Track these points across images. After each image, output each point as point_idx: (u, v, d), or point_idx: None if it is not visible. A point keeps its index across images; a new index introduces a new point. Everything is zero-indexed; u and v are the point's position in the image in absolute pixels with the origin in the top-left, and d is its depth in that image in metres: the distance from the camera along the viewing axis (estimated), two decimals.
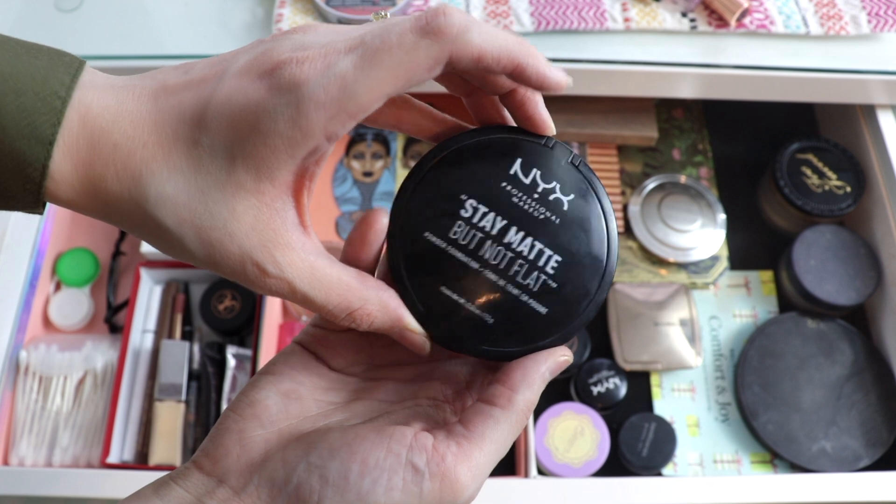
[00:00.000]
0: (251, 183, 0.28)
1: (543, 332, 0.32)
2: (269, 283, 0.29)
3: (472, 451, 0.29)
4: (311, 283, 0.29)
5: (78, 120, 0.28)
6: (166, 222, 0.28)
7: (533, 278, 0.32)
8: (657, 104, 0.92)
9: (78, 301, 0.81)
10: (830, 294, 0.79)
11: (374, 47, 0.27)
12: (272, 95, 0.27)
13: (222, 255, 0.28)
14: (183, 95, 0.29)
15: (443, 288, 0.32)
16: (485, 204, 0.32)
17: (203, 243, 0.28)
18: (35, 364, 0.75)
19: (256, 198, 0.28)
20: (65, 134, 0.28)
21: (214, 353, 0.78)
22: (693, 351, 0.80)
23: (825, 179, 0.84)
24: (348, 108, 0.27)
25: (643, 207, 0.85)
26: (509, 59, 0.29)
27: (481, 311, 0.32)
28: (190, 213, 0.28)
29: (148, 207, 0.28)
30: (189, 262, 0.30)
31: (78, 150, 0.28)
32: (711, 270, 0.83)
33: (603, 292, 0.32)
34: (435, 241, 0.32)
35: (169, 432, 0.73)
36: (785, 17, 0.77)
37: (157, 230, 0.29)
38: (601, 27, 0.75)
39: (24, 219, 0.76)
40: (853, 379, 0.78)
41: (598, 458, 0.73)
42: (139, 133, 0.28)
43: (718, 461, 0.76)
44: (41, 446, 0.73)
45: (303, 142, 0.27)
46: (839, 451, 0.75)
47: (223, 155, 0.28)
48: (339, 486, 0.28)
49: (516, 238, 0.32)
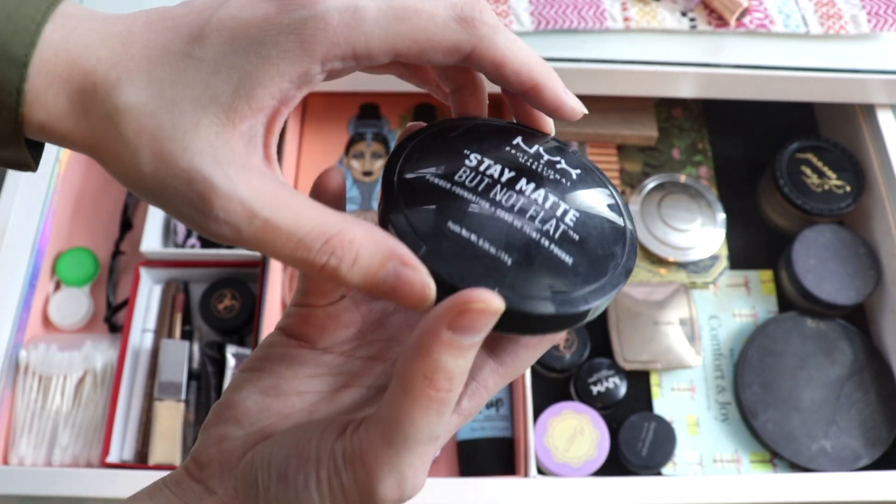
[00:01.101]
0: (226, 97, 0.25)
1: (572, 282, 0.26)
2: (219, 206, 0.25)
3: (385, 433, 0.25)
4: (274, 205, 0.25)
5: (59, 38, 0.26)
6: (126, 131, 0.25)
7: (552, 224, 0.27)
8: (657, 103, 0.92)
9: (77, 300, 0.81)
10: (830, 293, 0.79)
11: (405, 3, 0.26)
12: (282, 10, 0.25)
13: (169, 172, 0.25)
14: (182, 19, 0.27)
15: (449, 223, 0.26)
16: (491, 158, 0.29)
17: (154, 157, 0.25)
18: (35, 363, 0.75)
19: (226, 114, 0.25)
20: (42, 54, 0.26)
21: (214, 352, 0.78)
22: (693, 350, 0.80)
23: (825, 179, 0.84)
24: (356, 45, 0.25)
25: (643, 207, 0.85)
26: (529, 76, 0.28)
27: (497, 249, 0.26)
28: (153, 122, 0.25)
29: (115, 115, 0.26)
30: (135, 188, 0.26)
31: (57, 69, 0.26)
32: (711, 270, 0.83)
33: (631, 259, 0.28)
34: (438, 182, 0.28)
35: (169, 432, 0.73)
36: (784, 16, 0.77)
37: (114, 141, 0.26)
38: (601, 27, 0.75)
39: (23, 218, 0.76)
40: (853, 378, 0.78)
41: (598, 458, 0.73)
42: (127, 48, 0.26)
43: (718, 461, 0.76)
44: (41, 446, 0.73)
45: (298, 58, 0.25)
46: (839, 450, 0.75)
47: (209, 68, 0.26)
48: (284, 482, 0.26)
49: (528, 188, 0.28)
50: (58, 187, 0.81)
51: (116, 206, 0.87)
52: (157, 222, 0.83)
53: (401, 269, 0.25)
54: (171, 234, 0.84)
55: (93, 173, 0.90)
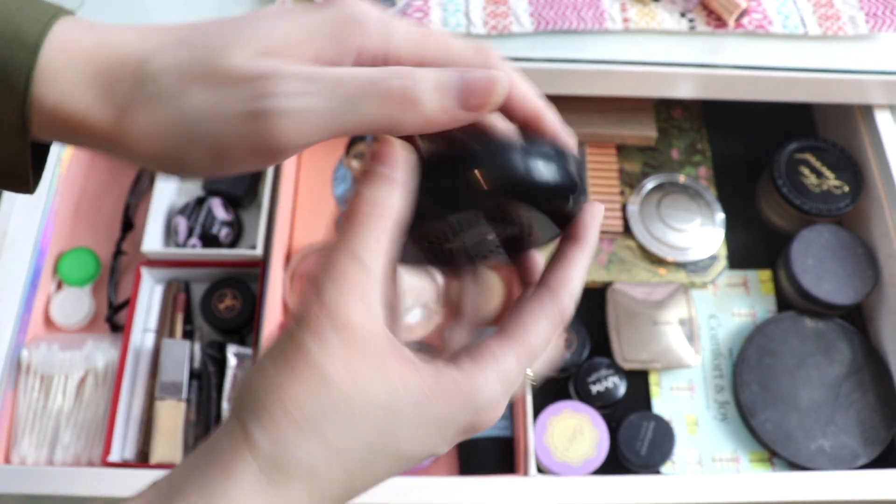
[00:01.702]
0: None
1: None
2: (283, 106, 0.25)
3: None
4: (333, 71, 0.26)
5: (82, 26, 0.27)
6: (165, 85, 0.26)
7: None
8: (656, 104, 0.92)
9: (79, 300, 0.82)
10: (828, 293, 0.79)
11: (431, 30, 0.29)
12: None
13: (227, 89, 0.26)
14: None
15: None
16: None
17: (206, 85, 0.26)
18: (36, 363, 0.75)
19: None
20: (62, 34, 0.26)
21: (215, 352, 0.78)
22: (692, 350, 0.80)
23: (823, 179, 0.84)
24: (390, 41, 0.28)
25: (642, 207, 0.85)
26: (533, 103, 0.30)
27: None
28: (197, 62, 0.26)
29: (150, 78, 0.26)
30: (169, 150, 0.26)
31: (79, 49, 0.27)
32: (710, 270, 0.84)
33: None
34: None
35: (170, 431, 0.73)
36: (783, 17, 0.77)
37: (149, 104, 0.26)
38: (600, 27, 0.75)
39: (25, 218, 0.76)
40: (851, 378, 0.78)
41: (598, 457, 0.73)
42: (152, 28, 0.28)
43: (717, 460, 0.77)
44: (42, 445, 0.74)
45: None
46: (837, 449, 0.75)
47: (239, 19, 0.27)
48: None
49: None
50: (59, 187, 0.82)
51: (118, 205, 0.88)
52: (159, 222, 0.84)
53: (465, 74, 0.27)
54: (172, 234, 0.84)
55: (94, 173, 0.90)
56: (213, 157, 0.26)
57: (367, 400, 0.27)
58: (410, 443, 0.28)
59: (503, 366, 0.29)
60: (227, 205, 0.85)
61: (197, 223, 0.83)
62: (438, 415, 0.28)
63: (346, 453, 0.27)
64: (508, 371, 0.29)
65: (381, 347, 0.27)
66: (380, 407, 0.27)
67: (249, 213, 0.88)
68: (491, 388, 0.29)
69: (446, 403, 0.28)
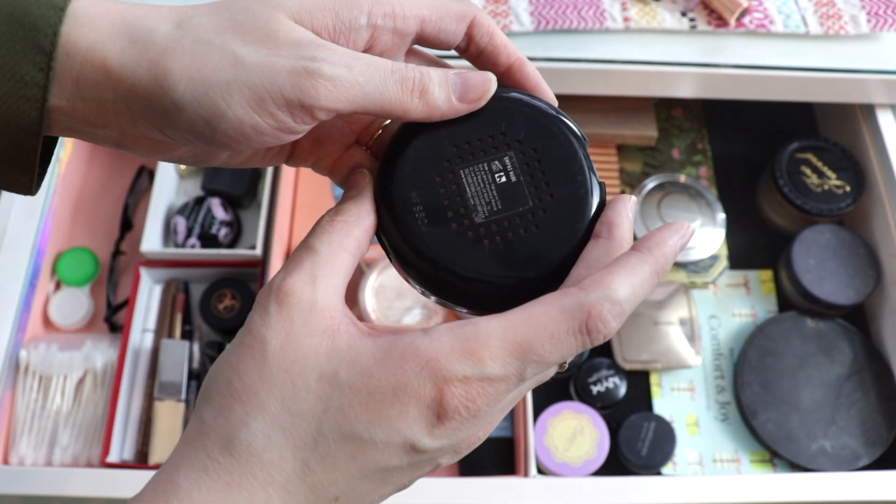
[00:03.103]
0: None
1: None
2: (325, 56, 0.27)
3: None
4: (364, 58, 0.28)
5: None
6: (205, 34, 0.27)
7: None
8: (657, 103, 0.92)
9: (78, 300, 0.81)
10: (830, 293, 0.79)
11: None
12: None
13: (277, 42, 0.27)
14: None
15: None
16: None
17: (253, 40, 0.27)
18: (35, 363, 0.75)
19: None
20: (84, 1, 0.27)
21: (214, 352, 0.78)
22: (692, 350, 0.80)
23: (824, 179, 0.84)
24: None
25: (643, 207, 0.85)
26: (515, 51, 0.34)
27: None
28: (242, 18, 0.28)
29: (190, 29, 0.27)
30: (207, 94, 0.27)
31: (111, 12, 0.27)
32: (711, 270, 0.83)
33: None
34: None
35: (169, 431, 0.73)
36: (784, 16, 0.77)
37: (197, 38, 0.27)
38: (601, 27, 0.75)
39: (24, 218, 0.76)
40: (852, 378, 0.78)
41: (598, 458, 0.73)
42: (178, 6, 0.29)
43: (718, 460, 0.77)
44: (41, 445, 0.73)
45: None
46: (838, 450, 0.75)
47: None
48: None
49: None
50: (58, 187, 0.82)
51: (116, 206, 0.87)
52: (158, 222, 0.83)
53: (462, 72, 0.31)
54: (171, 234, 0.84)
55: (93, 173, 0.90)
56: (252, 104, 0.27)
57: (308, 367, 0.26)
58: (365, 423, 0.26)
59: (466, 331, 0.26)
60: (227, 205, 0.85)
61: (196, 223, 0.83)
62: (390, 382, 0.26)
63: (293, 433, 0.26)
64: (478, 340, 0.26)
65: (332, 318, 0.27)
66: (323, 377, 0.26)
67: (249, 213, 0.88)
68: (453, 355, 0.26)
69: (397, 366, 0.26)
